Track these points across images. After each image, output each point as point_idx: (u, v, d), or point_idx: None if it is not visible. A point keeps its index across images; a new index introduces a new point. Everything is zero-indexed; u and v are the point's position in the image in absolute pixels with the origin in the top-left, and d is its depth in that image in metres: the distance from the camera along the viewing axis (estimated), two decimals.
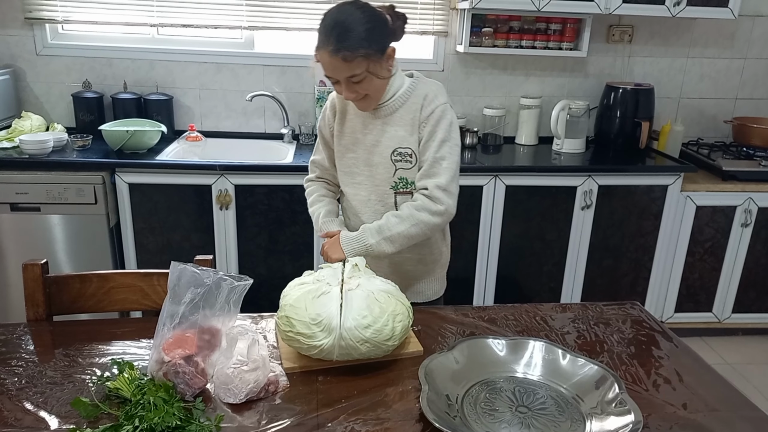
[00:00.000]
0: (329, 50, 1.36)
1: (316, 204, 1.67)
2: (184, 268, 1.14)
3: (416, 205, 1.49)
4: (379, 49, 1.40)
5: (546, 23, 2.91)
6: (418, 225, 1.47)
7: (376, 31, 1.38)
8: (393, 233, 1.47)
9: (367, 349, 1.18)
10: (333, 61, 1.37)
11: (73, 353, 1.25)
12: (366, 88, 1.43)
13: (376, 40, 1.38)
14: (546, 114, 3.05)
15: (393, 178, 1.53)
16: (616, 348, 1.36)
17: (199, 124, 3.00)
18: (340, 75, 1.40)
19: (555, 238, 2.76)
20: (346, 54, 1.35)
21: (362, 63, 1.37)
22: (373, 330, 1.18)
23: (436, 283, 1.71)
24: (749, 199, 2.80)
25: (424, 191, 1.49)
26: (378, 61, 1.41)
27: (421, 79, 1.55)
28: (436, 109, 1.48)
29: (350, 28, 1.35)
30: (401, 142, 1.51)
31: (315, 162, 1.72)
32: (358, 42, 1.35)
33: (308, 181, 1.74)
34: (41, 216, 2.45)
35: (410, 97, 1.51)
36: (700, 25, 3.10)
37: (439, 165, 1.48)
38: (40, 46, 2.85)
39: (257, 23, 2.89)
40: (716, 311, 2.98)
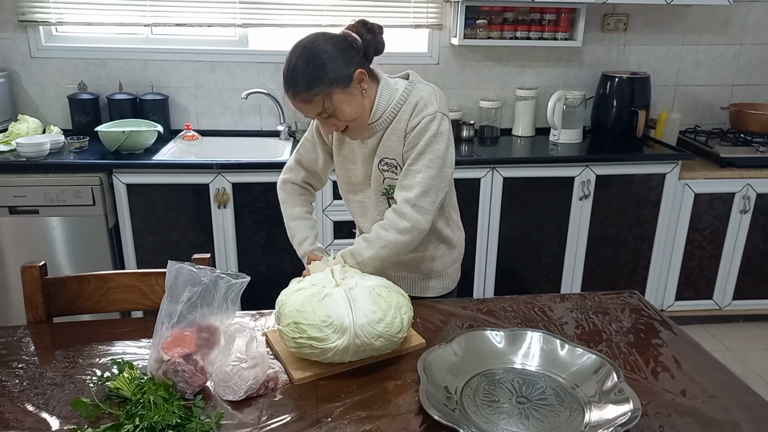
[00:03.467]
0: (289, 94, 1.37)
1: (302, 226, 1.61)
2: (181, 267, 1.14)
3: (383, 224, 1.44)
4: (340, 79, 1.34)
5: (540, 13, 2.91)
6: (386, 246, 1.42)
7: (333, 64, 1.33)
8: (364, 258, 1.44)
9: (381, 344, 1.18)
10: (295, 104, 1.38)
11: (73, 354, 1.25)
12: (342, 118, 1.39)
13: (333, 72, 1.33)
14: (542, 105, 3.04)
15: (383, 185, 1.52)
16: (615, 337, 1.36)
17: (195, 123, 3.00)
18: (308, 114, 1.40)
19: (553, 229, 2.77)
20: (303, 96, 1.34)
21: (320, 100, 1.34)
22: (385, 324, 1.18)
23: (447, 279, 1.68)
24: (747, 185, 2.80)
25: (394, 206, 1.45)
26: (342, 93, 1.35)
27: (415, 84, 1.46)
28: (423, 120, 1.41)
29: (299, 70, 1.33)
30: (387, 152, 1.47)
31: (302, 162, 1.64)
32: (309, 82, 1.32)
33: (288, 183, 1.65)
34: (40, 218, 2.45)
35: (403, 105, 1.44)
36: (695, 12, 3.09)
37: (413, 177, 1.42)
38: (34, 48, 2.85)
39: (251, 20, 2.89)
40: (716, 298, 2.99)
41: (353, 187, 1.59)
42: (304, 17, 2.90)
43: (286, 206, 1.65)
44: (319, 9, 2.90)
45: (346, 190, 1.63)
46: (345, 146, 1.56)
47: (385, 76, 1.47)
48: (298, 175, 1.65)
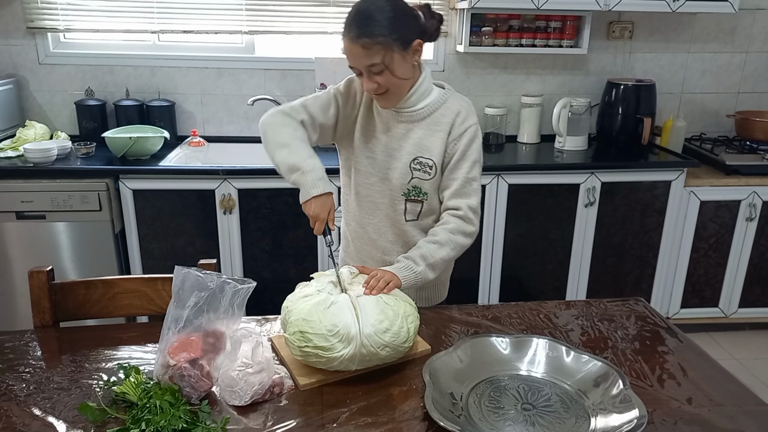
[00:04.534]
0: (349, 36, 1.34)
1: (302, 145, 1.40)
2: (188, 272, 1.15)
3: (451, 228, 1.46)
4: (402, 39, 1.36)
5: (546, 21, 2.91)
6: (456, 248, 1.47)
7: (400, 21, 1.35)
8: (436, 259, 1.43)
9: (387, 354, 1.18)
10: (352, 48, 1.35)
11: (79, 359, 1.26)
12: (386, 81, 1.38)
13: (398, 29, 1.35)
14: (547, 112, 3.05)
15: (407, 185, 1.50)
16: (621, 344, 1.36)
17: (202, 129, 3.02)
18: (359, 63, 1.37)
19: (559, 236, 2.76)
20: (365, 41, 1.32)
21: (381, 52, 1.33)
22: (392, 333, 1.17)
23: (442, 288, 1.70)
24: (753, 193, 2.79)
25: (456, 212, 1.48)
26: (400, 53, 1.37)
27: (452, 92, 1.52)
28: (469, 129, 1.46)
29: (371, 15, 1.33)
30: (423, 152, 1.47)
31: (308, 111, 1.46)
32: (378, 29, 1.32)
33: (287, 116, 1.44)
34: (46, 224, 2.47)
35: (439, 108, 1.47)
36: (701, 20, 3.09)
37: (470, 186, 1.48)
38: (43, 55, 2.87)
39: (257, 28, 2.91)
40: (722, 306, 2.97)
41: (366, 178, 1.54)
42: (310, 24, 2.92)
43: (284, 128, 1.42)
44: (325, 16, 2.91)
45: (356, 180, 1.55)
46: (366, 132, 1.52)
47: (428, 69, 1.49)
48: (299, 116, 1.45)
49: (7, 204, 2.42)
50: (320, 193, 1.35)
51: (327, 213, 1.37)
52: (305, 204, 1.37)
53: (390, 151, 1.50)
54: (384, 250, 1.57)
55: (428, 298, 1.65)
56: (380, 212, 1.55)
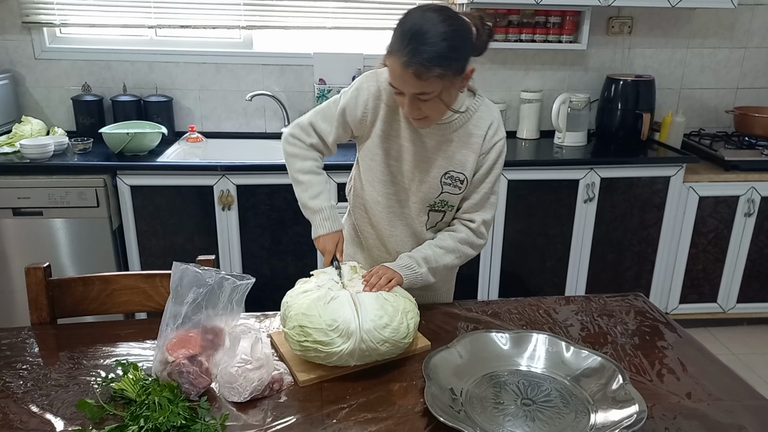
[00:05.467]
0: (402, 61, 1.18)
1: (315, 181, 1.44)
2: (186, 268, 1.14)
3: (460, 238, 1.44)
4: (459, 68, 1.23)
5: (545, 16, 2.90)
6: (461, 258, 1.46)
7: (458, 49, 1.21)
8: (439, 265, 1.42)
9: (386, 349, 1.17)
10: (404, 74, 1.20)
11: (77, 355, 1.25)
12: (431, 108, 1.27)
13: (456, 58, 1.21)
14: (547, 108, 3.04)
15: (435, 198, 1.44)
16: (620, 339, 1.36)
17: (200, 125, 3.00)
18: (408, 90, 1.24)
19: (558, 232, 2.76)
20: (420, 70, 1.18)
21: (435, 83, 1.20)
22: (391, 329, 1.17)
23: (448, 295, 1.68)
24: (752, 188, 2.79)
25: (469, 224, 1.45)
26: (452, 81, 1.24)
27: (483, 99, 1.42)
28: (499, 143, 1.41)
29: (430, 42, 1.17)
30: (456, 167, 1.40)
31: (317, 129, 1.45)
32: (436, 60, 1.17)
33: (298, 140, 1.46)
34: (44, 220, 2.46)
35: (471, 118, 1.39)
36: (700, 15, 3.08)
37: (489, 200, 1.45)
38: (39, 50, 2.86)
39: (255, 22, 2.89)
40: (721, 302, 2.98)
41: (387, 187, 1.46)
42: (308, 19, 2.91)
43: (296, 159, 1.45)
44: (324, 11, 2.90)
45: (377, 190, 1.46)
46: (390, 139, 1.42)
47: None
48: (309, 139, 1.46)
49: (3, 200, 2.41)
50: (327, 232, 1.42)
51: (335, 246, 1.41)
52: (315, 240, 1.44)
53: (418, 162, 1.42)
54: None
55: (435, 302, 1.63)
56: (400, 222, 1.49)
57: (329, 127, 1.44)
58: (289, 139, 1.47)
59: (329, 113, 1.44)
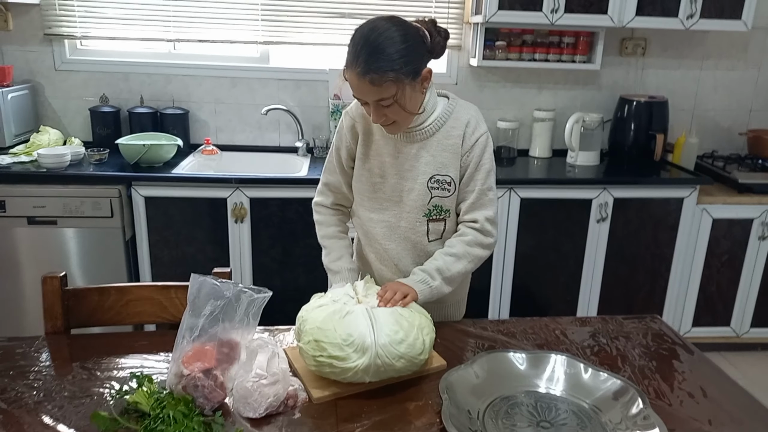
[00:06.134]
0: (357, 71, 1.25)
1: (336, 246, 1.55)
2: (204, 280, 1.14)
3: (468, 241, 1.44)
4: (412, 71, 1.29)
5: (559, 36, 2.92)
6: (473, 261, 1.45)
7: (410, 52, 1.27)
8: (453, 273, 1.41)
9: (402, 365, 1.16)
10: (360, 84, 1.27)
11: (91, 366, 1.25)
12: (395, 113, 1.32)
13: (409, 62, 1.27)
14: (560, 126, 3.04)
15: (427, 205, 1.45)
16: (638, 362, 1.34)
17: (215, 137, 3.02)
18: (368, 98, 1.30)
19: (570, 250, 2.74)
20: (374, 77, 1.24)
21: (391, 87, 1.27)
22: (407, 345, 1.16)
23: (462, 305, 1.68)
24: (766, 211, 2.76)
25: (473, 224, 1.45)
26: (410, 84, 1.30)
27: (457, 101, 1.46)
28: (481, 138, 1.42)
29: (381, 48, 1.24)
30: (440, 169, 1.43)
31: (329, 185, 1.58)
32: (388, 64, 1.24)
33: (320, 206, 1.60)
34: (57, 229, 2.47)
35: (447, 120, 1.43)
36: (713, 37, 3.09)
37: (486, 196, 1.45)
38: (59, 61, 2.89)
39: (272, 38, 2.92)
40: (734, 326, 2.94)
41: (379, 204, 1.50)
42: (324, 36, 2.93)
43: (321, 227, 1.59)
44: (340, 28, 2.93)
45: (369, 208, 1.51)
46: (371, 159, 1.47)
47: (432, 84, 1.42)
48: (328, 199, 1.59)
49: (19, 209, 2.43)
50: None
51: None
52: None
53: (403, 173, 1.45)
54: (406, 274, 1.48)
55: (447, 316, 1.61)
56: (397, 235, 1.49)
57: (336, 177, 1.56)
58: (314, 207, 1.62)
59: (330, 165, 1.57)
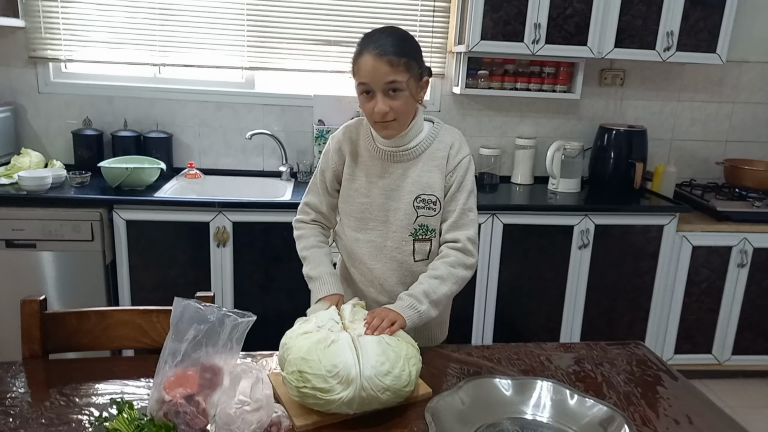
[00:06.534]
0: (374, 53, 1.35)
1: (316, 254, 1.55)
2: (187, 304, 1.12)
3: (451, 262, 1.45)
4: (419, 69, 1.41)
5: (540, 66, 2.98)
6: (457, 282, 1.46)
7: (418, 52, 1.42)
8: (439, 295, 1.42)
9: (387, 398, 1.14)
10: (377, 64, 1.35)
11: (69, 392, 1.22)
12: (398, 106, 1.38)
13: (418, 59, 1.41)
14: (541, 154, 3.09)
15: (413, 224, 1.48)
16: (623, 388, 1.34)
17: (198, 161, 3.01)
18: (380, 79, 1.36)
19: (553, 277, 2.76)
20: (392, 58, 1.34)
21: (405, 72, 1.36)
22: (393, 376, 1.14)
23: (444, 327, 1.68)
24: (744, 239, 2.82)
25: (455, 244, 1.47)
26: (415, 82, 1.41)
27: (442, 125, 1.53)
28: (464, 160, 1.48)
29: (399, 37, 1.39)
30: (425, 189, 1.47)
31: (310, 204, 1.61)
32: (404, 50, 1.37)
33: (301, 223, 1.62)
34: (36, 253, 2.42)
35: (433, 142, 1.49)
36: (690, 70, 3.18)
37: (467, 216, 1.48)
38: (43, 83, 2.88)
39: (258, 64, 2.94)
40: (716, 353, 2.97)
41: (365, 224, 1.52)
42: (309, 62, 2.96)
43: (301, 240, 1.60)
44: (326, 55, 2.96)
45: (355, 228, 1.54)
46: (357, 179, 1.51)
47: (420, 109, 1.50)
48: (308, 216, 1.62)
49: None
50: (326, 294, 1.46)
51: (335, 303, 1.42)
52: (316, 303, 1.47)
53: (389, 192, 1.49)
54: (392, 295, 1.51)
55: (430, 338, 1.61)
56: (384, 255, 1.52)
57: (318, 197, 1.60)
58: (294, 224, 1.63)
59: (314, 187, 1.61)
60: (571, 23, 2.72)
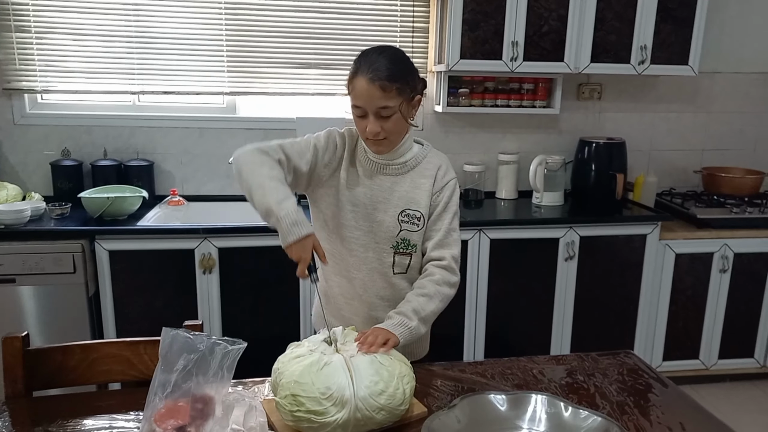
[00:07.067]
0: (368, 77, 1.37)
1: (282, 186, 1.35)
2: (176, 333, 1.11)
3: (437, 280, 1.48)
4: (411, 90, 1.44)
5: (519, 83, 3.03)
6: (443, 300, 1.48)
7: (411, 74, 1.44)
8: (427, 312, 1.44)
9: (382, 417, 1.13)
10: (370, 89, 1.37)
11: (55, 430, 1.18)
12: (390, 127, 1.42)
13: (410, 81, 1.43)
14: (524, 169, 3.11)
15: (396, 237, 1.51)
16: (616, 398, 1.34)
17: (181, 188, 2.99)
18: (372, 104, 1.39)
19: (541, 290, 2.77)
20: (385, 83, 1.37)
21: (396, 97, 1.39)
22: (387, 396, 1.13)
23: (425, 342, 1.68)
24: (725, 245, 2.86)
25: (440, 262, 1.50)
26: (407, 102, 1.44)
27: (430, 147, 1.59)
28: (450, 182, 1.54)
29: (393, 61, 1.40)
30: (411, 204, 1.51)
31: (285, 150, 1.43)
32: (397, 75, 1.39)
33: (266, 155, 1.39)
34: (15, 288, 2.37)
35: (422, 161, 1.54)
36: (664, 82, 3.25)
37: (451, 236, 1.52)
38: (18, 116, 2.85)
39: (239, 89, 2.95)
40: (703, 358, 2.99)
41: (350, 232, 1.53)
42: (292, 85, 2.97)
43: (262, 167, 1.36)
44: (306, 78, 2.98)
45: (341, 236, 1.53)
46: (349, 188, 1.52)
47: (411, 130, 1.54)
48: (276, 155, 1.41)
49: None
50: (297, 238, 1.30)
51: (309, 253, 1.33)
52: (286, 249, 1.33)
53: (375, 203, 1.52)
54: (371, 306, 1.55)
55: (412, 353, 1.60)
56: (366, 266, 1.54)
57: (297, 157, 1.45)
58: (252, 151, 1.40)
59: (298, 146, 1.47)
60: (548, 40, 2.78)
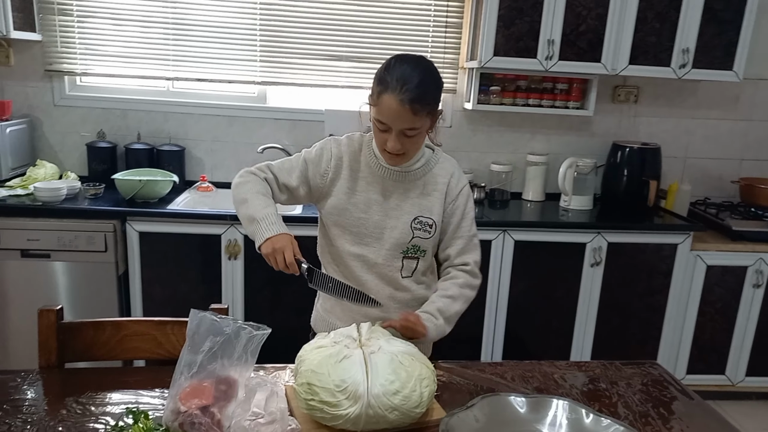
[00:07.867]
0: (398, 98, 1.32)
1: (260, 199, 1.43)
2: (203, 316, 1.13)
3: (461, 283, 1.51)
4: (437, 109, 1.43)
5: (553, 83, 2.98)
6: (466, 302, 1.51)
7: (440, 92, 1.43)
8: (452, 312, 1.47)
9: (395, 417, 1.12)
10: (400, 110, 1.33)
11: (85, 401, 1.22)
12: (411, 144, 1.41)
13: (438, 99, 1.42)
14: (553, 171, 3.08)
15: (407, 244, 1.51)
16: (639, 408, 1.32)
17: (210, 175, 3.03)
18: (401, 125, 1.36)
19: (564, 294, 2.74)
20: (416, 107, 1.33)
21: (425, 119, 1.38)
22: (402, 396, 1.12)
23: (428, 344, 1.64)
24: (760, 259, 2.79)
25: (465, 267, 1.53)
26: (432, 121, 1.44)
27: (441, 153, 1.57)
28: (464, 189, 1.55)
29: (427, 83, 1.37)
30: (424, 212, 1.51)
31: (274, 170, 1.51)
32: (429, 97, 1.36)
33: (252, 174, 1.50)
34: (50, 263, 2.44)
35: (434, 167, 1.53)
36: (705, 87, 3.17)
37: (473, 241, 1.55)
38: (58, 97, 2.92)
39: (270, 79, 2.97)
40: (729, 374, 2.92)
41: (360, 238, 1.52)
42: (321, 77, 2.99)
43: (247, 185, 1.46)
44: (337, 70, 2.99)
45: (350, 242, 1.52)
46: (357, 194, 1.51)
47: None
48: (263, 174, 1.51)
49: (12, 242, 2.40)
50: (273, 234, 1.35)
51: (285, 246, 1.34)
52: (262, 247, 1.36)
53: (387, 210, 1.51)
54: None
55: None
56: (373, 271, 1.54)
57: (285, 174, 1.52)
58: (242, 173, 1.52)
59: (287, 164, 1.55)
60: (585, 40, 2.73)
